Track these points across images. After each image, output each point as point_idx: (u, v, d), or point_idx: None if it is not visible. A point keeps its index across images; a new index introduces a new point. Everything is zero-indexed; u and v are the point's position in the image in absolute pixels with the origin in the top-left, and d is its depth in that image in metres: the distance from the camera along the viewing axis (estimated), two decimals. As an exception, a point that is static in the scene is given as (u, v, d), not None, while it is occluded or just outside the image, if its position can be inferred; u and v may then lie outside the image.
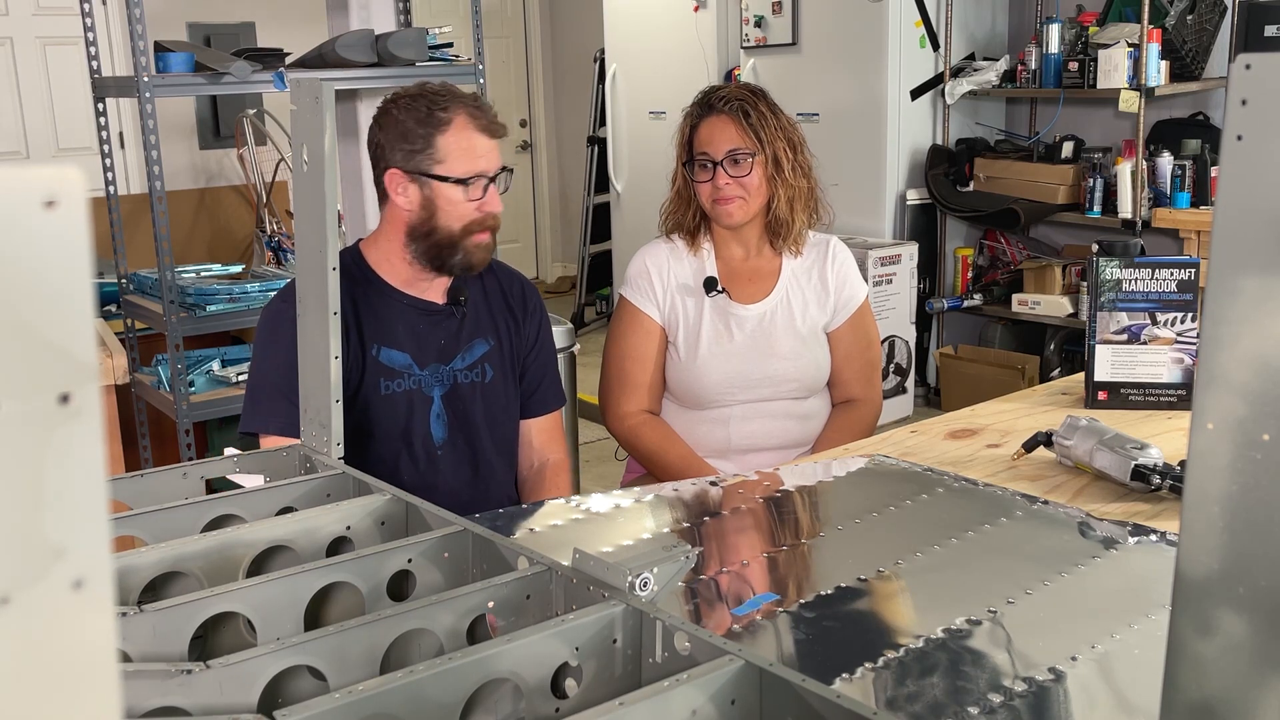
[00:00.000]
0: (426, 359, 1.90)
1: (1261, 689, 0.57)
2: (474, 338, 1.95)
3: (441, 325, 1.93)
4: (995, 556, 1.45)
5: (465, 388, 1.93)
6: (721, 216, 2.17)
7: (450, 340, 1.93)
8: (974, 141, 4.94)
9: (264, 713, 0.87)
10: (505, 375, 1.98)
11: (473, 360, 1.94)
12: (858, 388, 2.27)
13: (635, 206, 5.93)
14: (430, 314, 1.92)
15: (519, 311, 2.02)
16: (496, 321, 1.98)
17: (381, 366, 1.87)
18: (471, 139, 1.83)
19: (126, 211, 3.65)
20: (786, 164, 2.16)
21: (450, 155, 1.82)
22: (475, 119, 1.83)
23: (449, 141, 1.82)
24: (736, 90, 2.20)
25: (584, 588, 1.02)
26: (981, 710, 1.06)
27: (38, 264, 0.38)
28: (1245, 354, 0.56)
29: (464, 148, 1.82)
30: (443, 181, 1.83)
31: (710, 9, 5.49)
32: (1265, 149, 0.55)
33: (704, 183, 2.16)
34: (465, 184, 1.83)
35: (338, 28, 3.68)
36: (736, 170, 2.14)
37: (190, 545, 1.14)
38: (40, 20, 5.60)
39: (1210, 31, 4.43)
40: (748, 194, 2.15)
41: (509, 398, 2.00)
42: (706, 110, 2.19)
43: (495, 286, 2.01)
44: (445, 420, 1.91)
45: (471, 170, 1.83)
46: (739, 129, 2.14)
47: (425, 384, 1.90)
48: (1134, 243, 2.16)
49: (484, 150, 1.84)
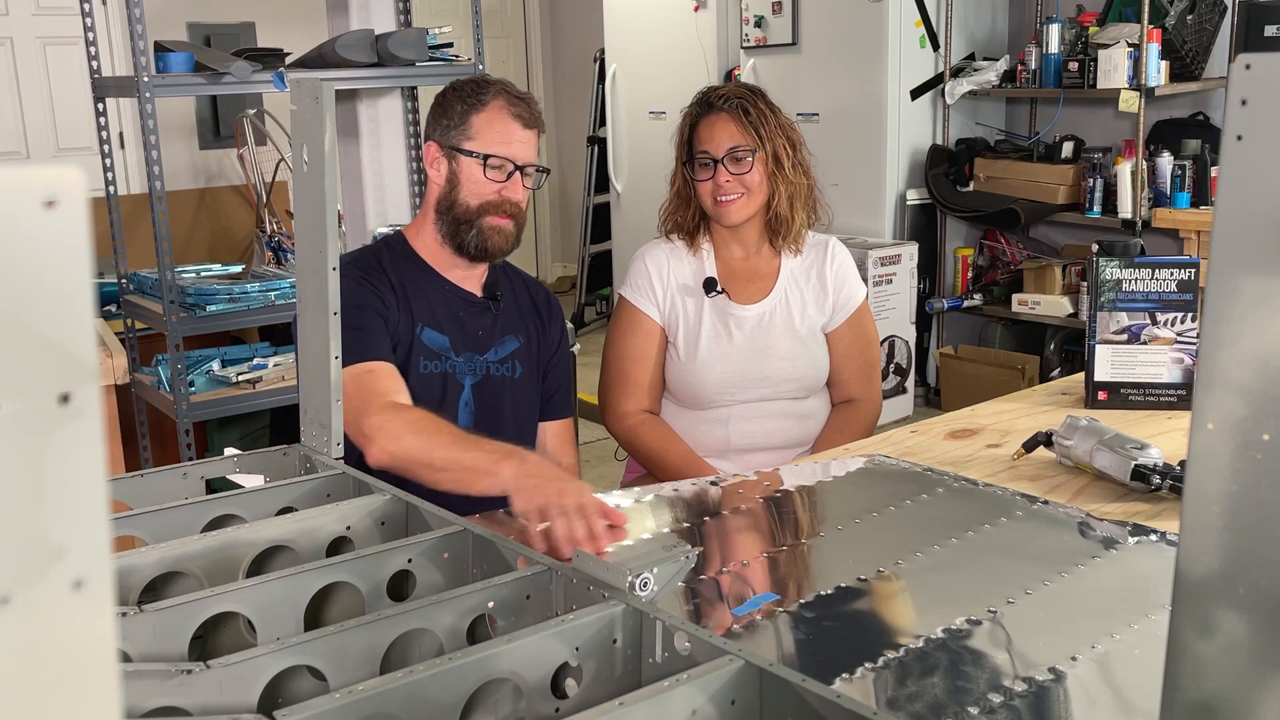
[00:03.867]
0: (463, 346, 1.94)
1: (1261, 689, 0.57)
2: (506, 333, 2.00)
3: (478, 316, 1.98)
4: (995, 556, 1.45)
5: (496, 380, 1.97)
6: (723, 215, 2.17)
7: (486, 332, 1.97)
8: (974, 141, 4.93)
9: (264, 713, 0.87)
10: (532, 374, 2.03)
11: (505, 354, 1.99)
12: (857, 387, 2.27)
13: (635, 206, 5.93)
14: (470, 303, 1.97)
15: (545, 316, 2.08)
16: (526, 321, 2.04)
17: (423, 345, 1.91)
18: (504, 122, 1.88)
19: (126, 211, 3.65)
20: (786, 161, 2.16)
21: (480, 133, 1.88)
22: (512, 105, 1.89)
23: (482, 120, 1.88)
24: (735, 89, 2.21)
25: (584, 588, 1.02)
26: (981, 710, 1.06)
27: (38, 264, 0.38)
28: (1245, 354, 0.56)
29: (495, 128, 1.88)
30: (469, 156, 1.88)
31: (710, 9, 5.49)
32: (1265, 149, 0.55)
33: (705, 181, 2.17)
34: (487, 161, 1.87)
35: (338, 28, 3.68)
36: (737, 168, 2.14)
37: (190, 545, 1.13)
38: (40, 20, 5.60)
39: (1210, 31, 4.42)
40: (749, 191, 2.15)
41: (533, 397, 2.04)
42: (706, 109, 2.19)
43: (524, 289, 2.08)
44: (472, 409, 1.95)
45: (497, 150, 1.87)
46: (739, 126, 2.14)
47: (459, 370, 1.94)
48: (1134, 243, 2.16)
49: (515, 136, 1.89)
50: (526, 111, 1.90)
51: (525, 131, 1.90)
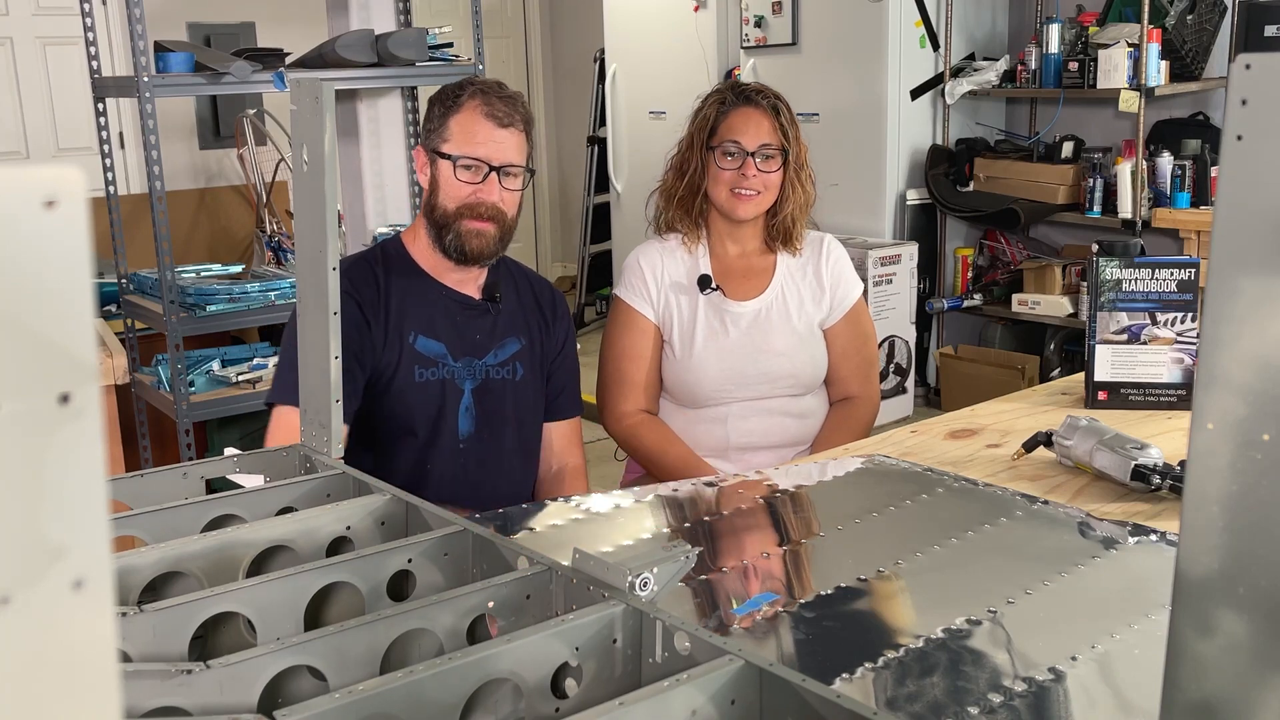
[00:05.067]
0: (461, 351, 1.94)
1: (1261, 689, 0.57)
2: (507, 335, 1.99)
3: (476, 320, 1.97)
4: (995, 556, 1.45)
5: (496, 384, 1.96)
6: (736, 207, 2.16)
7: (485, 336, 1.96)
8: (974, 141, 4.93)
9: (264, 713, 0.87)
10: (534, 375, 2.01)
11: (505, 357, 1.98)
12: (855, 385, 2.27)
13: (635, 206, 5.93)
14: (467, 307, 1.96)
15: (549, 315, 2.06)
16: (529, 322, 2.02)
17: (418, 354, 1.91)
18: (477, 123, 1.86)
19: (126, 211, 3.65)
20: (805, 169, 2.18)
21: (455, 135, 1.87)
22: (487, 105, 1.87)
23: (456, 122, 1.87)
24: (767, 87, 2.22)
25: (584, 588, 1.02)
26: (981, 710, 1.06)
27: (38, 264, 0.38)
28: (1245, 354, 0.56)
29: (467, 130, 1.86)
30: (445, 159, 1.87)
31: (710, 9, 5.49)
32: (1265, 149, 0.55)
33: (728, 171, 2.16)
34: (458, 163, 1.86)
35: (338, 28, 3.68)
36: (765, 166, 2.14)
37: (190, 545, 1.13)
38: (40, 20, 5.60)
39: (1210, 31, 4.43)
40: (766, 190, 2.16)
41: (536, 398, 2.03)
42: (741, 100, 2.18)
43: (527, 289, 2.06)
44: (473, 414, 1.94)
45: (469, 152, 1.86)
46: (773, 124, 2.14)
47: (458, 376, 1.93)
48: (1134, 243, 2.16)
49: (488, 137, 1.87)
50: (503, 111, 1.87)
51: (500, 132, 1.87)
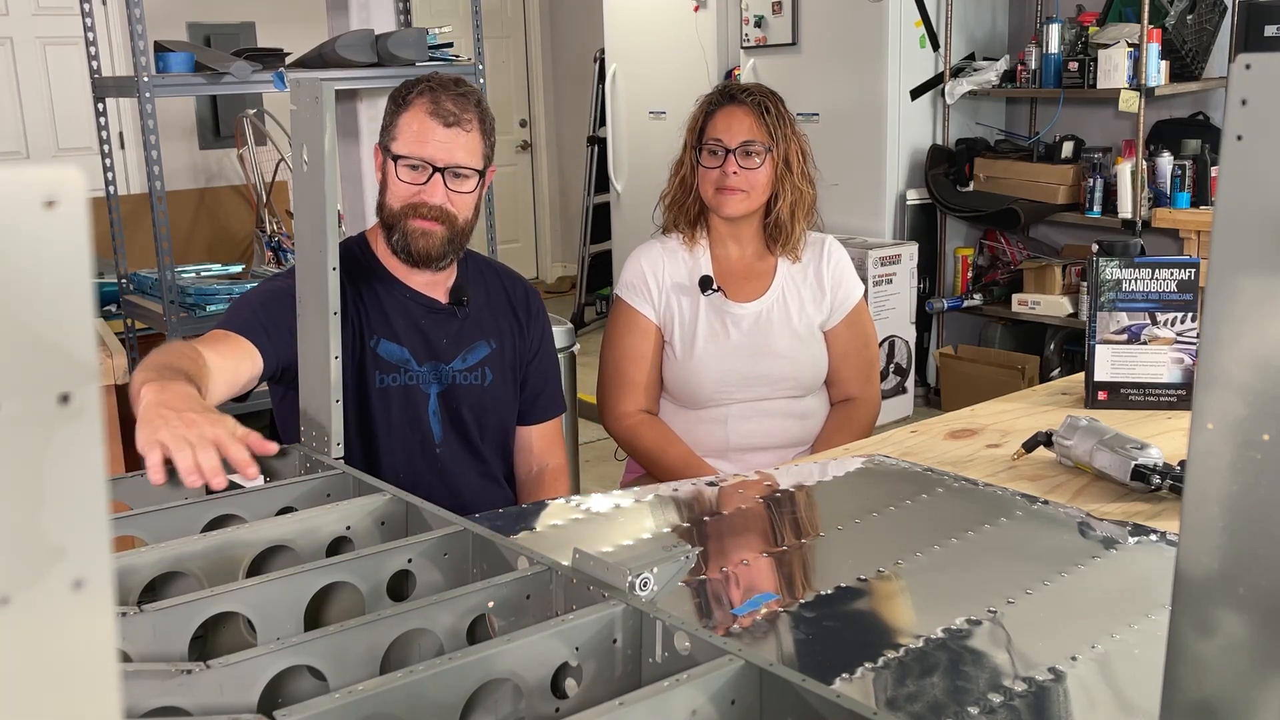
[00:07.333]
0: (425, 356, 1.89)
1: (1261, 689, 0.57)
2: (476, 339, 1.93)
3: (443, 324, 1.92)
4: (995, 556, 1.45)
5: (463, 389, 1.92)
6: (720, 204, 2.16)
7: (451, 340, 1.92)
8: (974, 141, 4.93)
9: (264, 713, 0.87)
10: (505, 379, 1.96)
11: (474, 362, 1.93)
12: (856, 386, 2.27)
13: (635, 206, 5.93)
14: (433, 311, 1.91)
15: (523, 316, 2.01)
16: (500, 325, 1.97)
17: (378, 359, 1.86)
18: (421, 121, 1.82)
19: (126, 211, 3.65)
20: (796, 167, 2.17)
21: (401, 134, 1.84)
22: (434, 104, 1.82)
23: (403, 120, 1.84)
24: (757, 86, 2.22)
25: (584, 588, 1.02)
26: (981, 710, 1.06)
27: (38, 264, 0.38)
28: (1245, 354, 0.56)
29: (412, 129, 1.82)
30: (390, 159, 1.85)
31: (710, 9, 5.49)
32: (1265, 149, 0.55)
33: (711, 169, 2.16)
34: (399, 162, 1.83)
35: (338, 28, 3.68)
36: (747, 162, 2.14)
37: (190, 545, 1.14)
38: (40, 20, 5.60)
39: (1210, 31, 4.42)
40: (752, 189, 2.15)
41: (507, 402, 1.98)
42: (725, 99, 2.19)
43: (499, 289, 2.00)
44: (441, 419, 1.91)
45: (412, 151, 1.82)
46: (756, 121, 2.14)
47: (423, 380, 1.89)
48: (1134, 243, 2.16)
49: (432, 136, 1.82)
50: (450, 110, 1.82)
51: (445, 131, 1.81)
